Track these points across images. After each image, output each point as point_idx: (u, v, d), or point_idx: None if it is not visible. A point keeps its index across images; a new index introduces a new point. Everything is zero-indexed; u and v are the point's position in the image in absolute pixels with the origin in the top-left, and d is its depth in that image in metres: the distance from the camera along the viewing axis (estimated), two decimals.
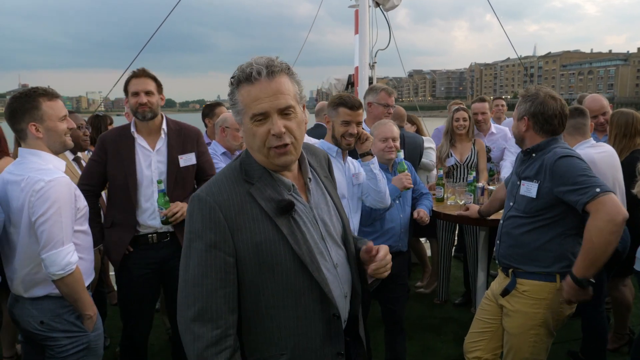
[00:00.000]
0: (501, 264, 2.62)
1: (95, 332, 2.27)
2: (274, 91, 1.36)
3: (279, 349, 1.47)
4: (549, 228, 2.39)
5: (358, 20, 5.42)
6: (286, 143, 1.39)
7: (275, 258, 1.41)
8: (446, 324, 4.28)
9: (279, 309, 1.45)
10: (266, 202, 1.42)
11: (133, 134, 2.85)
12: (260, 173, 1.45)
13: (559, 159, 2.32)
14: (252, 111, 1.37)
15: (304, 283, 1.45)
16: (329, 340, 1.51)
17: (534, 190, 2.39)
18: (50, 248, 2.03)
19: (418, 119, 5.24)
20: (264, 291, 1.43)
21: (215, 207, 1.39)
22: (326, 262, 1.52)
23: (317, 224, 1.52)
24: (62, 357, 2.18)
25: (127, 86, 2.86)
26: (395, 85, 34.55)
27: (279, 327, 1.46)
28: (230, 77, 1.43)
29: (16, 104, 2.14)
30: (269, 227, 1.41)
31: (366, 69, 5.45)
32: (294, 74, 1.44)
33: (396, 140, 3.12)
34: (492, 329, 2.66)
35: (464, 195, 3.77)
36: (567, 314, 2.46)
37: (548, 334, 2.47)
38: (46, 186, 2.04)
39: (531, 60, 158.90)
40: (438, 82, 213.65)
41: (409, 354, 3.57)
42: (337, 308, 1.51)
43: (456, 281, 5.14)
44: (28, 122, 2.14)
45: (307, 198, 1.54)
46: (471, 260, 4.31)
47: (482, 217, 3.27)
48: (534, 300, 2.42)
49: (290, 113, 1.40)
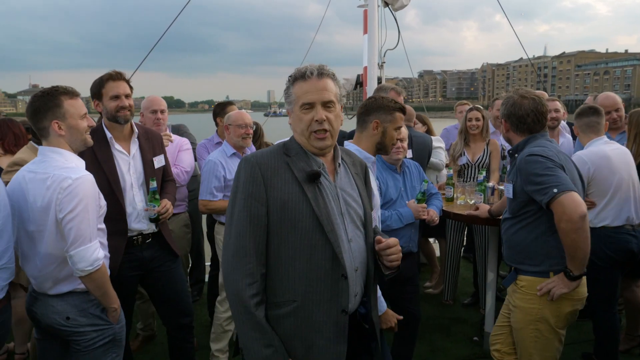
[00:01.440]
0: (507, 264, 2.68)
1: (119, 324, 2.32)
2: (321, 88, 1.72)
3: (292, 295, 1.71)
4: (532, 227, 2.43)
5: (367, 20, 5.41)
6: (325, 129, 1.71)
7: (298, 215, 1.68)
8: (455, 324, 4.26)
9: (295, 260, 1.70)
10: (298, 171, 1.73)
11: (110, 140, 2.76)
12: (298, 150, 1.77)
13: (525, 157, 2.37)
14: (302, 101, 1.72)
15: (319, 241, 1.69)
16: (336, 296, 1.73)
17: (510, 190, 2.48)
18: (79, 245, 2.06)
19: (428, 119, 5.21)
20: (285, 243, 1.70)
21: (256, 166, 1.70)
22: (340, 233, 1.74)
23: (339, 201, 1.78)
24: (90, 350, 2.21)
25: (103, 89, 2.75)
26: (405, 85, 34.53)
27: (293, 276, 1.70)
28: (288, 76, 1.79)
29: (38, 102, 2.17)
30: (297, 190, 1.70)
31: (375, 69, 5.44)
32: (337, 80, 1.79)
33: (404, 140, 3.10)
34: (509, 323, 2.67)
35: (474, 195, 3.75)
36: (567, 311, 2.44)
37: (550, 331, 2.46)
38: (74, 184, 2.07)
39: (545, 61, 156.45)
40: (449, 83, 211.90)
41: (417, 354, 3.56)
42: (346, 269, 1.72)
43: (465, 281, 5.11)
44: (51, 120, 2.18)
45: (334, 179, 1.81)
46: (480, 260, 4.29)
47: (493, 217, 3.26)
48: (530, 296, 2.45)
49: (331, 107, 1.73)
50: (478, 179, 3.81)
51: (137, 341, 3.89)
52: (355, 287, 1.79)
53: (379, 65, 5.52)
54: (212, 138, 4.30)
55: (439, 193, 3.44)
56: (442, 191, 3.87)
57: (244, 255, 1.67)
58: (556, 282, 2.37)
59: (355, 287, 1.79)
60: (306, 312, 1.71)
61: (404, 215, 3.02)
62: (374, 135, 2.61)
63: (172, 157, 3.69)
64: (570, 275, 2.31)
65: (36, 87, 19.07)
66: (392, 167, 3.13)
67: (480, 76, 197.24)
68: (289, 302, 1.72)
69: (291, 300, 1.71)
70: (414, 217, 3.05)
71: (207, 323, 4.16)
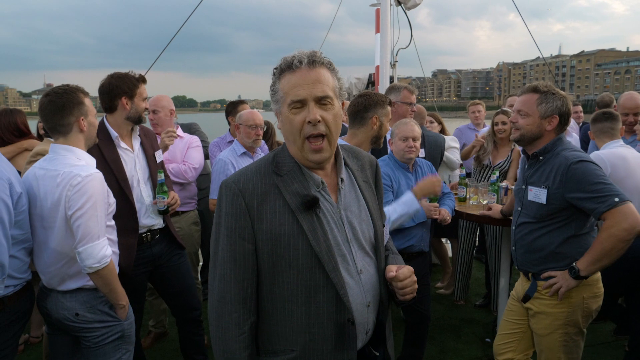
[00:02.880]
0: (520, 269, 2.60)
1: (127, 320, 2.33)
2: (313, 80, 1.38)
3: (290, 344, 1.46)
4: (560, 231, 2.36)
5: (379, 19, 5.40)
6: (321, 133, 1.40)
7: (292, 252, 1.41)
8: (467, 325, 4.23)
9: (292, 303, 1.44)
10: (291, 196, 1.42)
11: (116, 140, 2.76)
12: (290, 166, 1.46)
13: (574, 164, 2.26)
14: (290, 98, 1.39)
15: (319, 281, 1.43)
16: (341, 345, 1.47)
17: (543, 196, 2.35)
18: (87, 242, 2.08)
19: (441, 118, 5.18)
20: (279, 284, 1.44)
21: (239, 194, 1.42)
22: (348, 266, 1.48)
23: (344, 226, 1.49)
24: (99, 346, 2.23)
25: (137, 89, 2.78)
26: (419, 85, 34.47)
27: (291, 323, 1.45)
28: (273, 69, 1.45)
29: (63, 99, 2.20)
30: (290, 221, 1.41)
31: (387, 68, 5.43)
32: (336, 69, 1.45)
33: (417, 140, 3.09)
34: (522, 329, 2.62)
35: (487, 195, 3.71)
36: (594, 309, 2.41)
37: (578, 333, 2.42)
38: (83, 181, 2.09)
39: (563, 60, 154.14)
40: (463, 82, 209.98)
41: (428, 355, 3.54)
42: (352, 314, 1.46)
43: (477, 282, 5.08)
44: (78, 117, 2.22)
45: (337, 198, 1.51)
46: (492, 261, 4.25)
47: (505, 217, 3.22)
48: (557, 300, 2.38)
49: (327, 104, 1.41)
50: (491, 179, 3.77)
51: (149, 338, 3.92)
52: (368, 324, 1.54)
53: (391, 65, 5.52)
54: (225, 137, 4.32)
55: (451, 193, 3.42)
56: (455, 191, 3.84)
57: (229, 302, 1.42)
58: (561, 280, 2.33)
59: (366, 325, 1.53)
60: None
61: (418, 215, 3.01)
62: (372, 130, 2.74)
63: (182, 154, 3.75)
64: (576, 274, 2.26)
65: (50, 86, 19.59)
66: (405, 165, 3.12)
67: (495, 75, 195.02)
68: (286, 352, 1.46)
69: (289, 349, 1.46)
70: (426, 216, 3.03)
71: None
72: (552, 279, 2.36)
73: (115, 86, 2.73)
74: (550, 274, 2.38)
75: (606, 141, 3.21)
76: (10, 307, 2.11)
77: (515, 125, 2.47)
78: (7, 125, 3.56)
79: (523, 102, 2.43)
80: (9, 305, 2.10)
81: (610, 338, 3.86)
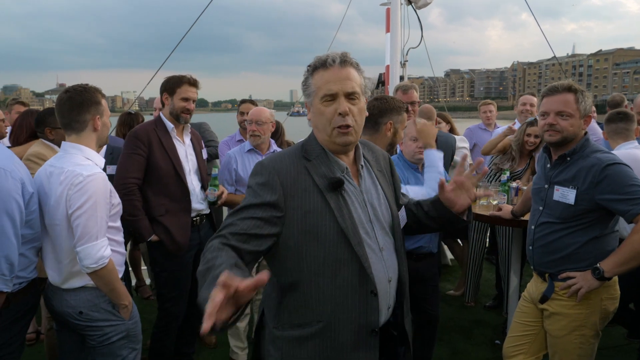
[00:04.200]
0: (536, 269, 2.55)
1: (132, 319, 2.33)
2: (344, 77, 1.55)
3: (316, 315, 1.57)
4: (585, 232, 2.32)
5: (389, 19, 5.38)
6: (349, 124, 1.55)
7: (320, 227, 1.54)
8: (477, 327, 4.20)
9: (319, 276, 1.55)
10: (319, 177, 1.58)
11: (172, 132, 3.10)
12: (318, 152, 1.62)
13: (608, 166, 2.21)
14: (322, 92, 1.56)
15: (345, 255, 1.55)
16: (365, 316, 1.58)
17: (571, 196, 2.30)
18: (85, 241, 2.09)
19: (450, 118, 5.14)
20: (306, 257, 1.55)
21: (275, 172, 1.56)
22: (371, 243, 1.61)
23: (366, 207, 1.64)
24: (104, 345, 2.24)
25: (178, 88, 3.04)
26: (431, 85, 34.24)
27: (317, 295, 1.56)
28: (306, 66, 1.63)
29: (82, 96, 2.24)
30: (318, 199, 1.55)
31: (397, 68, 5.41)
32: (362, 70, 1.63)
33: None
34: (534, 331, 2.58)
35: (497, 195, 3.68)
36: (611, 310, 2.37)
37: (594, 335, 2.39)
38: (84, 180, 2.10)
39: (580, 59, 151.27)
40: (477, 82, 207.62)
41: (437, 357, 3.52)
42: (375, 285, 1.58)
43: (487, 284, 5.03)
44: (94, 115, 2.26)
45: (359, 183, 1.67)
46: (503, 262, 4.20)
47: (516, 217, 3.18)
48: (575, 302, 2.33)
49: (355, 99, 1.57)
50: (501, 179, 3.73)
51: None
52: (389, 299, 1.67)
53: (402, 64, 5.48)
54: (234, 136, 4.34)
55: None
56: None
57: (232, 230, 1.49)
58: (581, 281, 2.28)
59: (388, 299, 1.66)
60: (333, 333, 1.57)
61: None
62: (386, 136, 2.58)
63: None
64: (601, 275, 2.21)
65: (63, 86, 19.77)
66: (414, 166, 3.09)
67: (510, 75, 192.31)
68: (312, 323, 1.58)
69: (315, 321, 1.57)
70: None
71: None
72: (571, 279, 2.32)
73: (162, 84, 3.10)
74: (569, 275, 2.34)
75: (620, 142, 3.16)
76: (15, 304, 2.13)
77: (554, 127, 2.33)
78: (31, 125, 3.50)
79: (563, 103, 2.31)
80: (13, 302, 2.12)
81: (623, 341, 3.81)
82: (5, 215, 1.95)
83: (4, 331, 2.12)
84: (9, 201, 1.97)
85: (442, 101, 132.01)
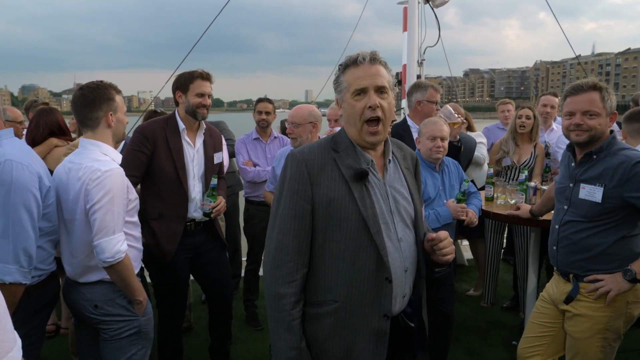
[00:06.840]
0: (560, 270, 2.50)
1: (145, 316, 2.35)
2: (374, 73, 1.65)
3: (333, 295, 1.67)
4: (612, 231, 2.27)
5: (407, 17, 5.36)
6: (378, 116, 1.63)
7: (343, 214, 1.63)
8: (493, 328, 4.15)
9: (339, 260, 1.65)
10: (345, 168, 1.67)
11: (183, 132, 2.94)
12: (346, 145, 1.71)
13: (637, 163, 2.17)
14: (354, 87, 1.65)
15: (364, 242, 1.64)
16: (378, 300, 1.67)
17: (598, 194, 2.26)
18: (102, 236, 2.12)
19: (469, 115, 5.08)
20: (329, 241, 1.65)
21: (302, 162, 1.66)
22: (390, 233, 1.69)
23: (388, 199, 1.72)
24: (115, 340, 2.27)
25: (191, 84, 2.92)
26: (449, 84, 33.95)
27: (336, 277, 1.66)
28: (338, 65, 1.74)
29: (94, 93, 2.27)
30: (343, 188, 1.65)
31: (414, 67, 5.38)
32: (389, 68, 1.72)
33: (445, 140, 3.03)
34: (552, 333, 2.54)
35: (515, 194, 3.64)
36: (635, 314, 2.33)
37: (617, 339, 2.34)
38: (102, 176, 2.13)
39: (607, 58, 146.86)
40: (497, 82, 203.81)
41: (453, 357, 3.49)
42: (391, 274, 1.66)
43: (504, 284, 4.98)
44: (107, 111, 2.28)
45: (384, 175, 1.74)
46: (521, 263, 4.15)
47: (534, 217, 3.14)
48: (601, 304, 2.29)
49: (384, 93, 1.66)
50: (519, 179, 3.69)
51: None
52: (404, 288, 1.74)
53: (419, 63, 5.46)
54: (251, 134, 4.37)
55: (478, 192, 3.36)
56: (482, 190, 3.77)
57: (285, 253, 1.65)
58: (610, 284, 2.24)
59: (404, 288, 1.74)
60: (346, 314, 1.68)
61: (442, 215, 2.96)
62: None
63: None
64: (633, 277, 2.17)
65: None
66: (432, 165, 3.08)
67: (532, 74, 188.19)
68: (330, 302, 1.68)
69: (332, 300, 1.68)
70: (452, 217, 2.98)
71: (243, 317, 4.22)
72: (600, 282, 2.27)
73: (174, 82, 2.99)
74: (597, 277, 2.29)
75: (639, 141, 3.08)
76: (35, 296, 2.17)
77: (581, 127, 2.31)
78: (50, 123, 3.58)
79: (589, 102, 2.28)
80: (33, 294, 2.15)
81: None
82: (23, 208, 1.99)
83: (25, 323, 2.15)
84: (26, 194, 2.00)
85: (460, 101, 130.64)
